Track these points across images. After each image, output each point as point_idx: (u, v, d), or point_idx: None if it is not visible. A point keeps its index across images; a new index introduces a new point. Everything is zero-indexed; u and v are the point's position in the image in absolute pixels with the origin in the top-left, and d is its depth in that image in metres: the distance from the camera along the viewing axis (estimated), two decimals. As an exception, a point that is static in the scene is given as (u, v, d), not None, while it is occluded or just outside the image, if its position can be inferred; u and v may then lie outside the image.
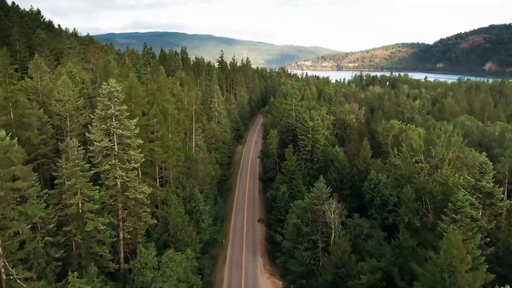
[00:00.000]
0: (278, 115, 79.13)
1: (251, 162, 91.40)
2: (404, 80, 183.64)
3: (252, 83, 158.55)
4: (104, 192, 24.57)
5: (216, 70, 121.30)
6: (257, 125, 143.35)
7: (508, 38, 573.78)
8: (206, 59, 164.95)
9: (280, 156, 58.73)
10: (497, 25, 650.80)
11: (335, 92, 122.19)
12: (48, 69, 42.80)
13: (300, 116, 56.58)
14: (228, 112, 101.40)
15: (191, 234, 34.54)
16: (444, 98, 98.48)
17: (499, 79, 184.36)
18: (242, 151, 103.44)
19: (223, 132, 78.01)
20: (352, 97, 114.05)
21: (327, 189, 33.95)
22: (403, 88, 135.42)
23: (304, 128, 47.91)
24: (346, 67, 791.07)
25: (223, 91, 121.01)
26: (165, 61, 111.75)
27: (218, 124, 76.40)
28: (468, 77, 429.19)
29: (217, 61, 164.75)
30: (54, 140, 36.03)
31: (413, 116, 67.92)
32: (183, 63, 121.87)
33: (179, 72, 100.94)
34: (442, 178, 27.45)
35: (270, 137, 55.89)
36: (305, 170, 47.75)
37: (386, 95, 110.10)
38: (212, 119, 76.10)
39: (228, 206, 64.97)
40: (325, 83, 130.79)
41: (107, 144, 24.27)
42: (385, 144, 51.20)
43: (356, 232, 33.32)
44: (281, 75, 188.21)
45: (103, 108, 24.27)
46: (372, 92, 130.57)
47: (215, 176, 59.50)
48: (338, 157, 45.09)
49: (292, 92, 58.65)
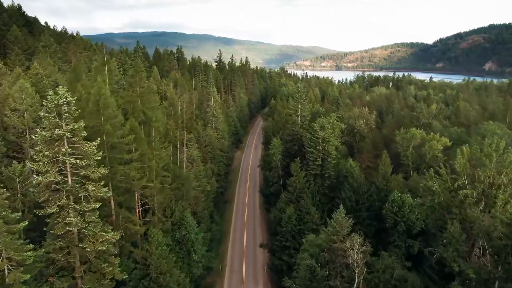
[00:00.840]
0: (281, 119, 72.11)
1: (251, 170, 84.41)
2: (408, 81, 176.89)
3: (252, 83, 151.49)
4: (49, 245, 17.41)
5: (214, 71, 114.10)
6: (256, 128, 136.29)
7: (508, 38, 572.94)
8: (204, 59, 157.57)
9: (284, 168, 51.65)
10: (497, 24, 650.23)
11: (339, 93, 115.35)
12: (7, 71, 35.62)
13: (306, 123, 49.72)
14: (226, 116, 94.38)
15: (178, 278, 27.60)
16: (456, 101, 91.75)
17: (505, 80, 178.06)
18: (241, 157, 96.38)
19: (220, 138, 70.96)
20: (358, 99, 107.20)
21: (348, 222, 27.03)
22: (409, 89, 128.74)
23: (314, 139, 40.74)
24: (345, 67, 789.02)
25: (221, 93, 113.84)
26: (159, 61, 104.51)
27: (215, 130, 69.29)
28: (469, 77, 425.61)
29: (215, 61, 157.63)
30: (7, 160, 28.87)
31: (430, 122, 61.03)
32: (178, 63, 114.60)
33: (173, 73, 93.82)
34: (507, 217, 20.79)
35: (273, 146, 48.80)
36: (314, 187, 40.59)
37: (395, 98, 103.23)
38: (209, 124, 68.96)
39: (225, 222, 57.88)
40: (328, 84, 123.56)
41: (53, 178, 17.19)
42: (405, 157, 44.33)
43: (385, 276, 26.53)
44: (281, 75, 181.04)
45: (50, 127, 17.17)
46: (377, 93, 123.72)
47: (212, 190, 52.53)
48: (352, 173, 38.25)
49: (298, 96, 51.40)
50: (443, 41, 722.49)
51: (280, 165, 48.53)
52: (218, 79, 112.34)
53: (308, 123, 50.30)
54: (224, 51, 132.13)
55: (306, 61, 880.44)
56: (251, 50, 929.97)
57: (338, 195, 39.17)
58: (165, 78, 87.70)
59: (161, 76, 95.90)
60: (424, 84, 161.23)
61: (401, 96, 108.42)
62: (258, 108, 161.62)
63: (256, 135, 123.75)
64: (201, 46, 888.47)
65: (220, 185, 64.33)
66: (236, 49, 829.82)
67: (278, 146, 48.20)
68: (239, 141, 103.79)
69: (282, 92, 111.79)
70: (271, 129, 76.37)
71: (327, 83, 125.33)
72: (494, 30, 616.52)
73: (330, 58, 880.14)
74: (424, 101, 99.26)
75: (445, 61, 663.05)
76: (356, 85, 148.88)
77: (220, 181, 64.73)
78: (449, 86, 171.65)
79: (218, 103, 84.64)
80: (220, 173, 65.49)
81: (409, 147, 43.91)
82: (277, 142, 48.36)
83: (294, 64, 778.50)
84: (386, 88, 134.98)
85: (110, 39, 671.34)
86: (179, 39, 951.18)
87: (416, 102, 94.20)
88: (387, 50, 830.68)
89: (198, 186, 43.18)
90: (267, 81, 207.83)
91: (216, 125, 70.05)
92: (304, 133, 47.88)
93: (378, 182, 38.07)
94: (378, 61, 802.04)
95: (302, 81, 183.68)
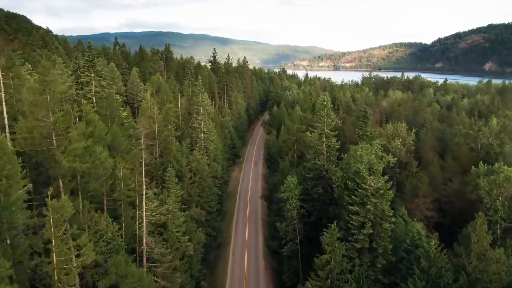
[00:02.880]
0: (289, 138, 56.19)
1: (251, 195, 68.53)
2: (420, 83, 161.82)
3: (250, 86, 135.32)
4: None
5: (206, 73, 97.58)
6: (256, 136, 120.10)
7: (508, 38, 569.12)
8: (197, 59, 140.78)
9: (303, 218, 35.71)
10: (496, 24, 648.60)
11: (352, 99, 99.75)
12: None
13: (334, 152, 33.87)
14: (221, 127, 78.39)
15: None
16: (496, 108, 76.40)
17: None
18: (239, 176, 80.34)
19: (212, 161, 54.94)
20: (376, 107, 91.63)
21: None
22: (429, 94, 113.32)
23: (361, 193, 24.27)
24: (343, 67, 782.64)
25: (215, 99, 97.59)
26: (142, 62, 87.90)
27: (205, 152, 53.23)
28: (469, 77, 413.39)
29: (209, 61, 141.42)
30: None
31: (491, 143, 45.16)
32: (165, 64, 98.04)
33: (156, 76, 77.61)
34: None
35: (286, 188, 32.55)
36: (360, 271, 24.15)
37: (421, 105, 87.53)
38: (197, 144, 52.85)
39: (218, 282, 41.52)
40: (340, 88, 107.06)
41: None
42: (493, 211, 28.56)
43: None
44: (282, 76, 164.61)
45: None
46: (393, 98, 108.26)
47: (198, 247, 36.61)
48: (426, 250, 22.59)
49: (323, 115, 34.62)
50: (442, 41, 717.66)
51: (296, 215, 32.50)
52: (211, 82, 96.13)
53: (336, 152, 34.41)
54: (221, 51, 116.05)
55: (303, 61, 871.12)
56: (248, 50, 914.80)
57: (401, 285, 23.31)
58: (144, 83, 71.52)
59: (143, 80, 79.57)
60: (440, 87, 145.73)
61: (425, 102, 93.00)
62: (257, 112, 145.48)
63: (256, 146, 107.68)
64: (197, 46, 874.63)
65: (211, 226, 48.34)
66: (233, 49, 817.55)
67: (293, 187, 32.23)
68: (236, 156, 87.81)
69: (286, 97, 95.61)
70: (276, 148, 60.41)
71: (337, 87, 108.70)
72: (494, 30, 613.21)
73: (328, 58, 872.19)
74: (450, 109, 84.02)
75: (444, 61, 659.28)
76: (366, 88, 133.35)
77: (211, 222, 48.73)
78: (467, 88, 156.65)
79: (210, 113, 68.52)
80: (212, 209, 49.50)
81: (499, 195, 28.53)
82: (292, 182, 32.34)
83: (291, 64, 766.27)
84: (403, 92, 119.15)
85: (106, 39, 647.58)
86: (176, 39, 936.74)
87: (448, 112, 78.90)
88: (385, 50, 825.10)
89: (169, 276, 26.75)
90: (266, 82, 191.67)
91: (207, 144, 53.96)
92: (333, 170, 31.84)
93: (469, 266, 22.42)
94: (376, 61, 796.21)
95: (305, 83, 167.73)
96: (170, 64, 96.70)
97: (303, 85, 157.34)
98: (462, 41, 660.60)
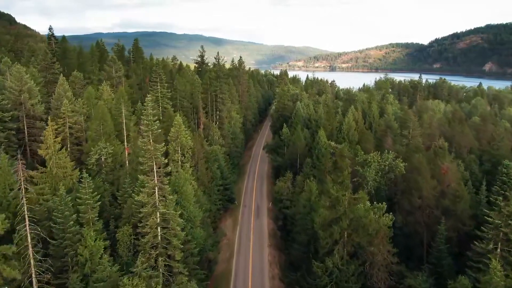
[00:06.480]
0: (333, 210, 28.79)
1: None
2: (449, 88, 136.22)
3: (247, 93, 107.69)
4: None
5: (190, 77, 69.22)
6: (255, 159, 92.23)
7: (507, 38, 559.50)
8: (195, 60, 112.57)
9: None
10: (494, 24, 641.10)
11: (388, 115, 72.95)
12: None
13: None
14: (206, 162, 50.90)
15: None
16: None
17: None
18: (234, 239, 52.50)
19: (191, 226, 27.24)
20: (419, 126, 64.97)
21: None
22: (482, 104, 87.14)
23: None
24: (339, 67, 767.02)
25: (200, 114, 69.61)
26: (84, 64, 59.39)
27: (179, 216, 25.45)
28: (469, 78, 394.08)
29: (195, 62, 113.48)
30: None
31: None
32: (128, 67, 69.34)
33: (104, 86, 49.29)
34: None
35: None
36: None
37: (485, 123, 61.51)
38: (147, 240, 25.16)
39: None
40: (371, 99, 77.00)
41: None
42: None
43: None
44: (284, 80, 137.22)
45: None
46: (436, 109, 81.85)
47: None
48: None
49: None
50: (439, 41, 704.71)
51: None
52: (194, 92, 68.09)
53: None
54: (215, 51, 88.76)
55: (299, 61, 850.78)
56: (242, 50, 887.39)
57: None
58: (77, 99, 43.35)
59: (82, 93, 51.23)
60: (482, 93, 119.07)
61: (489, 119, 66.76)
62: (255, 125, 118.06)
63: (257, 176, 79.78)
64: (191, 46, 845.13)
65: None
66: (227, 49, 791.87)
67: None
68: (229, 201, 60.08)
69: (300, 113, 67.80)
70: (300, 220, 32.41)
71: (368, 98, 78.89)
72: (492, 30, 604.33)
73: (324, 59, 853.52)
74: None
75: (442, 62, 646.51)
76: (391, 96, 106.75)
77: None
78: (504, 94, 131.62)
79: (187, 150, 40.79)
80: None
81: None
82: None
83: (286, 65, 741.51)
84: (446, 103, 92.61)
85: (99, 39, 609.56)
86: (170, 39, 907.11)
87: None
88: (381, 51, 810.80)
89: None
90: (264, 86, 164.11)
91: (169, 234, 26.19)
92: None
93: None
94: (373, 61, 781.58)
95: (311, 87, 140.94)
96: (134, 67, 68.01)
97: (310, 89, 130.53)
98: (460, 41, 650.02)
